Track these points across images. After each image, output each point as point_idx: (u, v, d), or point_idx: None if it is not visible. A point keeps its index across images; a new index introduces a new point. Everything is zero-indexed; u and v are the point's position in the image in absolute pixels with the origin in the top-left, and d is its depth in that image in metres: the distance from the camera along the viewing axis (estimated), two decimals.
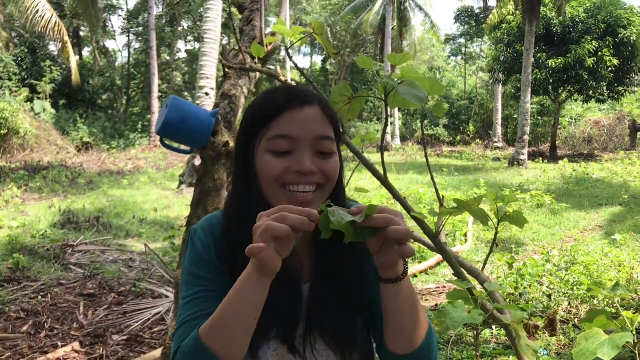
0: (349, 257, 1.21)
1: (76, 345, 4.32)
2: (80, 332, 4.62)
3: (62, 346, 4.30)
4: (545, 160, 20.99)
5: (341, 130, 1.77)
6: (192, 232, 1.25)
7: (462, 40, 40.49)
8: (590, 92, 22.13)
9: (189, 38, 38.58)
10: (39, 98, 23.57)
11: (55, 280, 6.01)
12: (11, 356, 4.12)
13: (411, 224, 2.07)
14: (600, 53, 19.98)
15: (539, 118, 29.96)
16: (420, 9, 32.05)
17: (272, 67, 2.31)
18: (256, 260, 0.97)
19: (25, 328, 4.64)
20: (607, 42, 20.08)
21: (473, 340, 4.34)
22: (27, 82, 24.68)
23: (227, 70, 2.57)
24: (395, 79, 1.50)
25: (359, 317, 1.24)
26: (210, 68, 12.49)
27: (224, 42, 26.35)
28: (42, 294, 5.52)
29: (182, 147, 2.69)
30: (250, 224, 0.98)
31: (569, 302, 4.95)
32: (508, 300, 4.86)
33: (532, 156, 22.12)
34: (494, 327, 4.45)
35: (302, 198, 1.13)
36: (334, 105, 1.54)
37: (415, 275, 6.40)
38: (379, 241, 1.00)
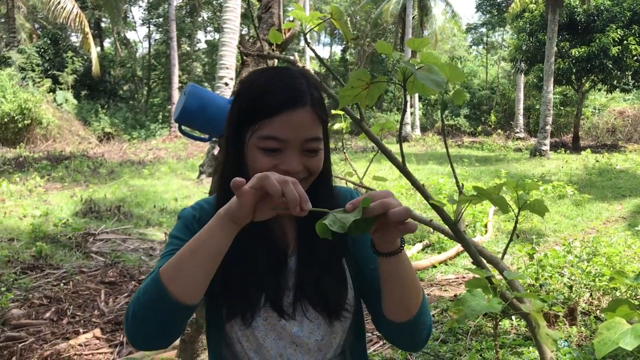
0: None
1: (97, 331, 4.37)
2: (101, 319, 4.68)
3: (84, 332, 4.36)
4: (568, 151, 20.73)
5: (359, 117, 1.76)
6: (182, 210, 1.32)
7: (484, 30, 40.08)
8: (615, 82, 21.77)
9: (209, 28, 38.75)
10: (61, 89, 23.85)
11: (77, 268, 6.08)
12: (35, 342, 4.18)
13: (431, 214, 2.05)
14: (625, 42, 19.62)
15: (562, 108, 29.56)
16: None
17: (290, 56, 2.31)
18: (231, 202, 0.99)
19: (48, 314, 4.70)
20: (633, 30, 19.70)
21: (492, 331, 4.31)
22: (49, 73, 24.97)
23: (245, 58, 2.56)
24: (415, 65, 1.48)
25: (347, 283, 1.28)
26: (229, 58, 12.51)
27: (244, 32, 26.39)
28: (64, 281, 5.59)
29: (201, 134, 2.70)
30: None
31: (591, 294, 4.89)
32: (528, 290, 4.81)
33: (554, 147, 21.86)
34: (513, 317, 4.41)
35: None
36: (352, 90, 1.52)
37: (434, 266, 6.37)
38: (376, 223, 1.02)
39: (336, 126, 2.66)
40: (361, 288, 1.31)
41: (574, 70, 20.98)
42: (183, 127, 2.57)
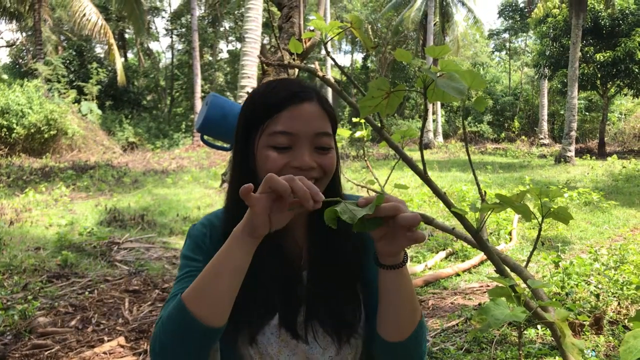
0: (345, 242, 1.23)
1: (121, 339, 4.41)
2: (126, 327, 4.72)
3: (108, 340, 4.40)
4: (593, 157, 20.45)
5: (380, 125, 1.75)
6: (192, 227, 1.30)
7: (506, 35, 39.78)
8: None
9: (231, 38, 39.07)
10: (85, 99, 24.24)
11: (101, 276, 6.15)
12: (60, 349, 4.23)
13: (454, 222, 2.04)
14: None
15: (587, 114, 29.21)
16: (463, 3, 31.65)
17: (311, 65, 2.31)
18: (246, 216, 0.98)
19: (73, 322, 4.76)
20: None
21: (517, 340, 4.25)
22: (74, 84, 25.40)
23: (266, 67, 2.58)
24: (435, 72, 1.47)
25: (357, 302, 1.25)
26: (251, 67, 12.60)
27: (265, 41, 26.57)
28: (89, 289, 5.66)
29: (223, 144, 2.72)
30: None
31: (618, 302, 4.80)
32: (554, 299, 4.74)
33: (580, 153, 21.58)
34: (539, 326, 4.35)
35: None
36: (372, 100, 1.52)
37: (458, 274, 6.31)
38: (384, 228, 1.00)
39: (357, 134, 2.66)
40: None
41: (599, 75, 20.73)
42: (205, 137, 2.59)
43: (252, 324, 1.18)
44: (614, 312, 4.69)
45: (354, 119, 2.29)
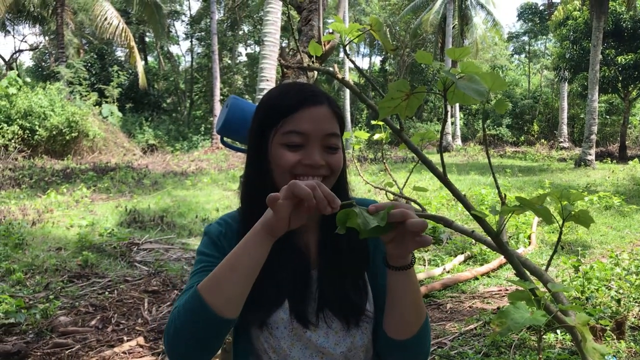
0: (354, 241, 1.27)
1: (141, 339, 4.45)
2: (145, 327, 4.77)
3: (128, 340, 4.45)
4: (614, 161, 20.21)
5: (399, 127, 1.76)
6: (207, 225, 1.36)
7: (526, 38, 39.51)
8: None
9: (249, 41, 39.24)
10: (106, 102, 24.48)
11: (121, 277, 6.22)
12: (81, 348, 4.29)
13: (473, 225, 2.03)
14: None
15: (607, 117, 28.88)
16: (482, 6, 31.43)
17: (330, 68, 2.31)
18: (266, 216, 1.04)
19: (93, 322, 4.82)
20: None
21: (536, 345, 4.21)
22: (95, 86, 25.67)
23: (285, 70, 2.59)
24: (455, 74, 1.47)
25: (368, 292, 1.31)
26: (270, 70, 12.62)
27: (284, 44, 26.66)
28: (109, 289, 5.72)
29: (242, 146, 2.73)
30: (263, 212, 1.06)
31: None
32: (574, 303, 4.69)
33: (600, 156, 21.34)
34: (558, 331, 4.31)
35: None
36: (392, 101, 1.52)
37: (476, 278, 6.28)
38: (392, 233, 1.06)
39: (376, 136, 2.66)
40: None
41: (620, 78, 20.49)
42: (225, 139, 2.61)
43: (264, 319, 1.23)
44: (635, 317, 4.63)
45: (373, 122, 2.30)
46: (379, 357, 1.32)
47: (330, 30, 2.93)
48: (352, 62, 1.96)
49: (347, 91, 25.05)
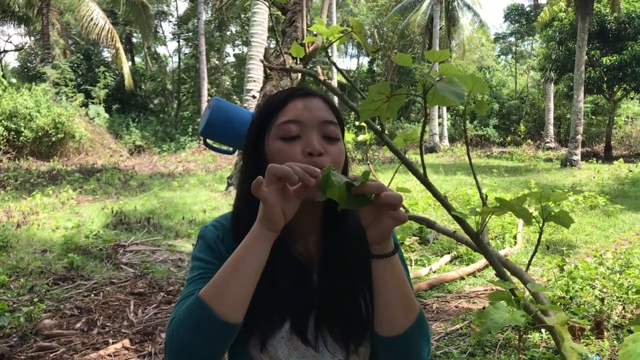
0: (355, 246, 1.24)
1: (126, 342, 4.42)
2: (131, 329, 4.74)
3: (113, 343, 4.42)
4: (600, 161, 20.39)
5: (380, 128, 1.77)
6: (202, 228, 1.32)
7: (512, 39, 39.72)
8: None
9: (237, 42, 39.14)
10: (93, 103, 24.35)
11: (107, 279, 6.18)
12: (66, 352, 4.26)
13: (457, 226, 2.04)
14: None
15: (593, 117, 29.13)
16: (469, 7, 31.59)
17: (313, 70, 2.32)
18: (260, 212, 1.04)
19: (78, 325, 4.78)
20: None
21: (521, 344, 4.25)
22: (82, 87, 25.54)
23: (269, 71, 2.59)
24: (435, 77, 1.48)
25: (365, 308, 1.25)
26: (257, 71, 12.64)
27: (271, 45, 26.64)
28: (94, 292, 5.68)
29: (226, 147, 2.73)
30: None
31: (623, 307, 4.79)
32: (558, 303, 4.73)
33: (586, 156, 21.52)
34: (543, 330, 4.34)
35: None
36: (372, 103, 1.53)
37: (462, 278, 6.31)
38: (372, 212, 1.06)
39: (360, 137, 2.67)
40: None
41: (605, 79, 20.68)
42: (208, 140, 2.61)
43: (263, 329, 1.18)
44: (618, 316, 4.68)
45: (357, 123, 2.31)
46: (375, 358, 1.27)
47: (314, 32, 2.94)
48: (334, 64, 1.97)
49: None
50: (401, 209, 1.06)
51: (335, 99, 25.38)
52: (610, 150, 22.94)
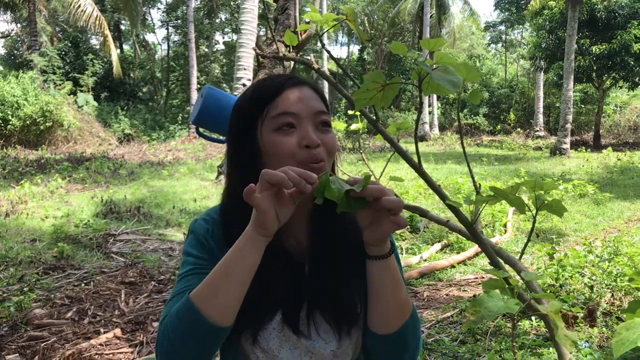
0: (345, 236, 1.25)
1: (118, 331, 4.42)
2: (122, 319, 4.73)
3: (105, 332, 4.41)
4: (589, 149, 20.50)
5: (375, 117, 1.76)
6: (193, 222, 1.30)
7: (502, 28, 39.76)
8: (637, 79, 21.48)
9: (227, 30, 38.92)
10: (81, 91, 24.14)
11: (97, 268, 6.16)
12: (57, 341, 4.24)
13: (449, 214, 2.05)
14: None
15: (582, 106, 29.25)
16: None
17: (306, 58, 2.31)
18: (253, 216, 1.02)
19: (69, 314, 4.77)
20: None
21: (511, 331, 4.28)
22: (70, 75, 25.31)
23: (261, 59, 2.57)
24: (430, 65, 1.47)
25: (358, 292, 1.24)
26: (247, 59, 12.54)
27: (261, 33, 26.47)
28: (85, 281, 5.66)
29: (218, 136, 2.72)
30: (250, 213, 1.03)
31: (612, 294, 4.83)
32: (548, 291, 4.77)
33: (575, 145, 21.64)
34: (533, 318, 4.38)
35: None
36: (367, 92, 1.52)
37: (453, 266, 6.34)
38: (370, 214, 1.05)
39: (353, 126, 2.66)
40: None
41: (595, 68, 20.75)
42: (200, 129, 2.59)
43: (254, 322, 1.18)
44: (607, 303, 4.72)
45: (349, 112, 2.30)
46: (366, 351, 1.27)
47: (307, 20, 2.92)
48: (329, 52, 1.96)
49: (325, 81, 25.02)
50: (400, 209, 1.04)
51: (326, 87, 25.33)
52: (599, 138, 23.07)
